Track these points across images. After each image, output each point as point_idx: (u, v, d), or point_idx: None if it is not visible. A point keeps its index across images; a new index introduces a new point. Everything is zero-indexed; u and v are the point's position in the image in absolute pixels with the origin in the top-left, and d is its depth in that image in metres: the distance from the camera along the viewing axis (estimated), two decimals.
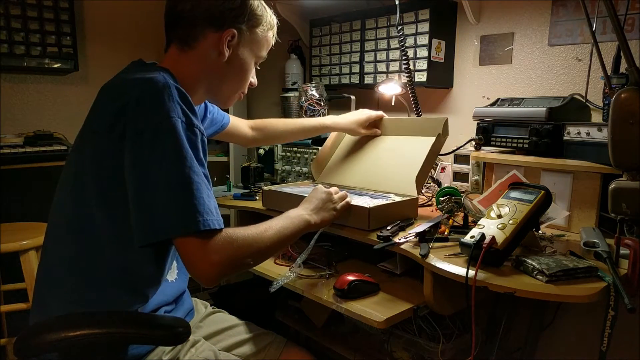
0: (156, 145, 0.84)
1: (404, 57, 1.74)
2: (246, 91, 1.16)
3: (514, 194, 1.08)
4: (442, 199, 1.33)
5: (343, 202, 1.20)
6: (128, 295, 0.96)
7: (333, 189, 1.22)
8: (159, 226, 0.83)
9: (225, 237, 0.87)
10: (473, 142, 1.48)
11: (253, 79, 1.16)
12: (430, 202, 1.54)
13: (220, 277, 0.86)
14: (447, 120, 1.42)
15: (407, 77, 1.75)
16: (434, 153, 1.41)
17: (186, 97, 0.91)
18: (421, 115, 1.79)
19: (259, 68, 1.17)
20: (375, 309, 1.09)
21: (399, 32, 1.73)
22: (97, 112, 0.95)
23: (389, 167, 1.49)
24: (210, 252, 0.84)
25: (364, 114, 1.60)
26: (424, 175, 1.41)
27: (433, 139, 1.40)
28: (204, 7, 1.00)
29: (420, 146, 1.43)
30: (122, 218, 0.88)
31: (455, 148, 1.63)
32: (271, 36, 1.13)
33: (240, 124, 1.54)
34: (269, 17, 1.10)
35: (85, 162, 0.93)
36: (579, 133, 1.23)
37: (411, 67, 1.75)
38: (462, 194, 1.33)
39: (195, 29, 1.01)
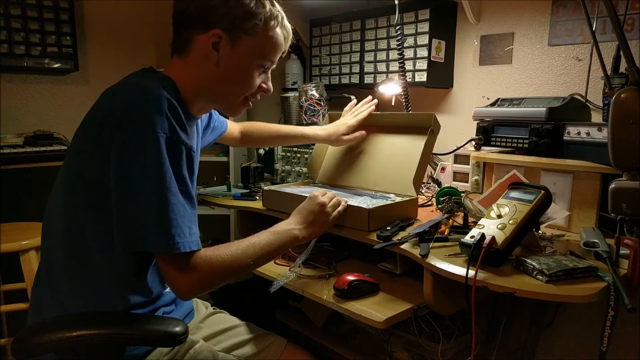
0: (139, 157, 0.84)
1: (399, 57, 1.74)
2: (258, 97, 1.08)
3: (514, 194, 1.08)
4: (442, 199, 1.33)
5: (335, 212, 1.19)
6: (120, 299, 0.96)
7: (327, 197, 1.20)
8: (135, 237, 0.85)
9: (202, 258, 0.89)
10: (473, 142, 1.47)
11: (265, 85, 1.08)
12: (430, 202, 1.54)
13: (194, 294, 0.91)
14: (435, 116, 1.40)
15: (401, 77, 1.75)
16: (428, 150, 1.40)
17: (177, 110, 0.89)
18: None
19: (267, 67, 1.07)
20: (375, 309, 1.09)
21: (397, 31, 1.73)
22: (90, 114, 0.94)
23: (386, 167, 1.49)
24: (184, 272, 0.86)
25: (343, 126, 1.55)
26: (421, 174, 1.41)
27: (425, 135, 1.39)
28: (191, 9, 0.96)
29: (414, 144, 1.43)
30: (108, 222, 0.87)
31: (455, 148, 1.63)
32: (278, 34, 1.02)
33: (233, 129, 1.52)
34: (268, 13, 0.98)
35: (75, 165, 0.93)
36: (579, 133, 1.22)
37: (406, 67, 1.75)
38: (462, 194, 1.32)
39: (186, 33, 0.98)
